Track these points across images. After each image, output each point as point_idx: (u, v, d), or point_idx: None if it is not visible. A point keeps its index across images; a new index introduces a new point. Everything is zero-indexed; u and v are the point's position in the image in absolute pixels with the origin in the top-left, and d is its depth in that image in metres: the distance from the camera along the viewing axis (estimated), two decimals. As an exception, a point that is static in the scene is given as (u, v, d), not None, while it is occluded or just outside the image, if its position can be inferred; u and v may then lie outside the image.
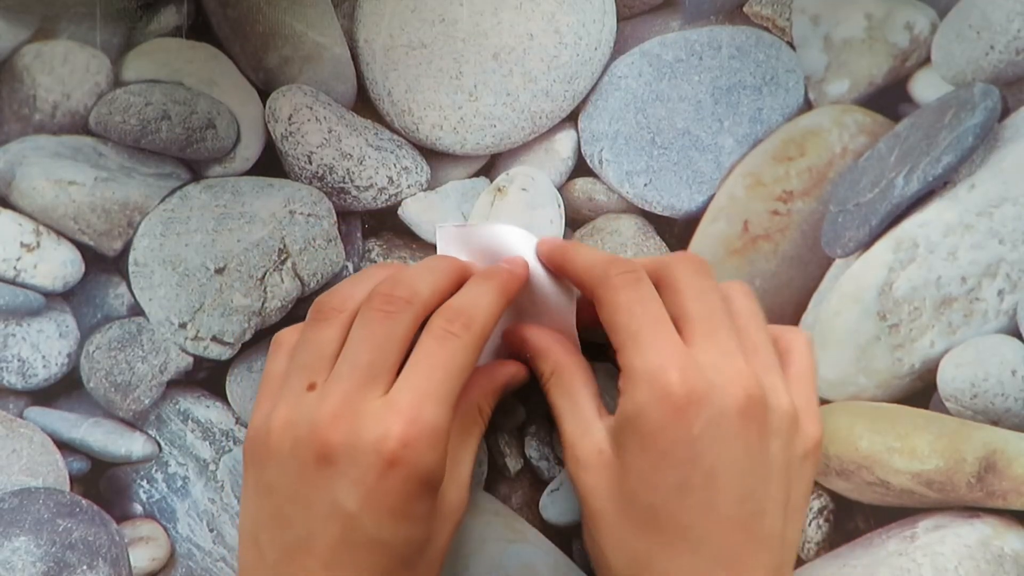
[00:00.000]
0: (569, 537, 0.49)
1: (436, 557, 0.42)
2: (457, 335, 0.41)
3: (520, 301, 0.46)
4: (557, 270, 0.45)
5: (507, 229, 0.45)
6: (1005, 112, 0.48)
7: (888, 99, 0.49)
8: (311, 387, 0.41)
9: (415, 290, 0.41)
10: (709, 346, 0.40)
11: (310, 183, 0.49)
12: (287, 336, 0.44)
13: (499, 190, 0.49)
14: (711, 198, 0.49)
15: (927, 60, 0.48)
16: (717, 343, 0.40)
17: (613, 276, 0.41)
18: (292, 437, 0.40)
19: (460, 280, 0.44)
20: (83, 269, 0.48)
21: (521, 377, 0.46)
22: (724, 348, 0.40)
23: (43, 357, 0.48)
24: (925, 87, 0.48)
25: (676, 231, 0.49)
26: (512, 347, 0.46)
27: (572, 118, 0.49)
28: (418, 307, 0.41)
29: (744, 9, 0.49)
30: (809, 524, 0.48)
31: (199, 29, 0.48)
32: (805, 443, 0.42)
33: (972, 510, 0.48)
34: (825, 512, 0.49)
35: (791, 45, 0.49)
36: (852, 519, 0.49)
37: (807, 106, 0.49)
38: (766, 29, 0.49)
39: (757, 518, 0.39)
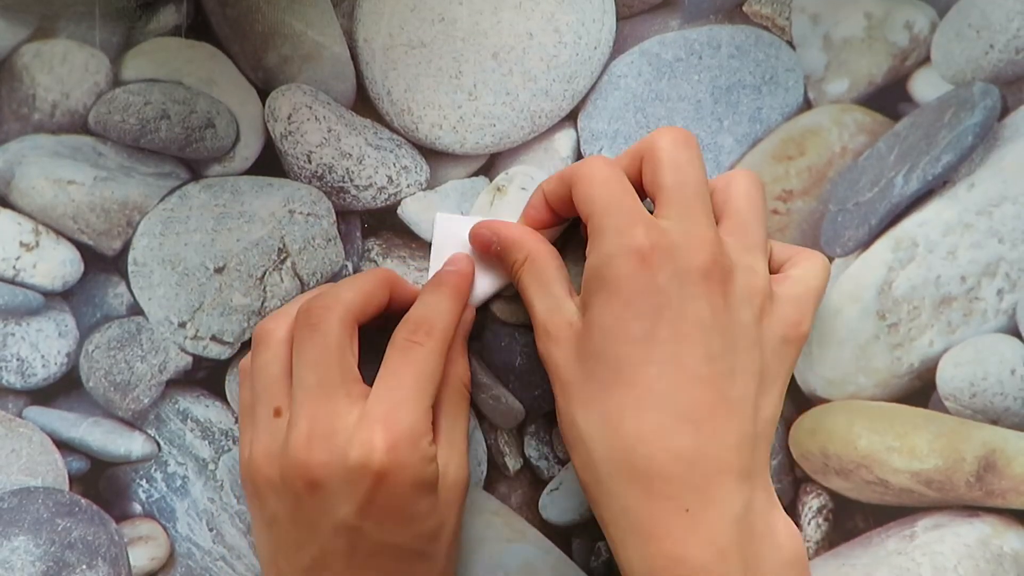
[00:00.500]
0: (569, 536, 0.49)
1: (450, 537, 0.43)
2: (420, 343, 0.43)
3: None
4: (544, 211, 0.46)
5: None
6: (1005, 111, 0.48)
7: (888, 98, 0.49)
8: (277, 412, 0.43)
9: (336, 297, 0.43)
10: (677, 214, 0.41)
11: (309, 182, 0.49)
12: (246, 363, 0.46)
13: (498, 189, 0.49)
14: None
15: (927, 59, 0.48)
16: (686, 212, 0.41)
17: (586, 163, 0.43)
18: (278, 468, 0.42)
19: (384, 284, 0.45)
20: (82, 268, 0.48)
21: (470, 318, 0.47)
22: (693, 217, 0.41)
23: (42, 356, 0.48)
24: (925, 86, 0.48)
25: (675, 230, 0.49)
26: (480, 243, 0.47)
27: (571, 117, 0.49)
28: (340, 311, 0.43)
29: (743, 8, 0.49)
30: (808, 523, 0.48)
31: (198, 28, 0.48)
32: (785, 326, 0.42)
33: (971, 509, 0.48)
34: (824, 511, 0.49)
35: (791, 44, 0.49)
36: (851, 518, 0.49)
37: (807, 105, 0.49)
38: (765, 28, 0.49)
39: (726, 379, 0.40)
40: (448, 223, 0.48)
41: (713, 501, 0.38)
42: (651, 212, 0.42)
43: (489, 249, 0.46)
